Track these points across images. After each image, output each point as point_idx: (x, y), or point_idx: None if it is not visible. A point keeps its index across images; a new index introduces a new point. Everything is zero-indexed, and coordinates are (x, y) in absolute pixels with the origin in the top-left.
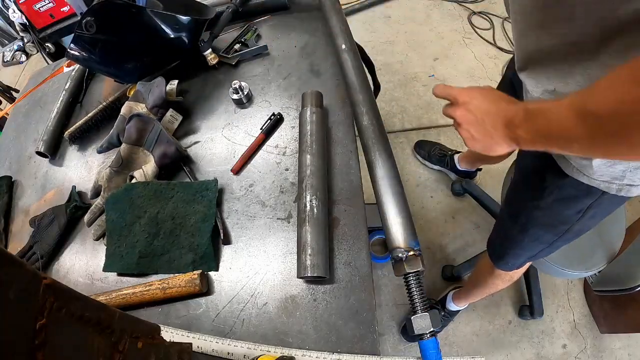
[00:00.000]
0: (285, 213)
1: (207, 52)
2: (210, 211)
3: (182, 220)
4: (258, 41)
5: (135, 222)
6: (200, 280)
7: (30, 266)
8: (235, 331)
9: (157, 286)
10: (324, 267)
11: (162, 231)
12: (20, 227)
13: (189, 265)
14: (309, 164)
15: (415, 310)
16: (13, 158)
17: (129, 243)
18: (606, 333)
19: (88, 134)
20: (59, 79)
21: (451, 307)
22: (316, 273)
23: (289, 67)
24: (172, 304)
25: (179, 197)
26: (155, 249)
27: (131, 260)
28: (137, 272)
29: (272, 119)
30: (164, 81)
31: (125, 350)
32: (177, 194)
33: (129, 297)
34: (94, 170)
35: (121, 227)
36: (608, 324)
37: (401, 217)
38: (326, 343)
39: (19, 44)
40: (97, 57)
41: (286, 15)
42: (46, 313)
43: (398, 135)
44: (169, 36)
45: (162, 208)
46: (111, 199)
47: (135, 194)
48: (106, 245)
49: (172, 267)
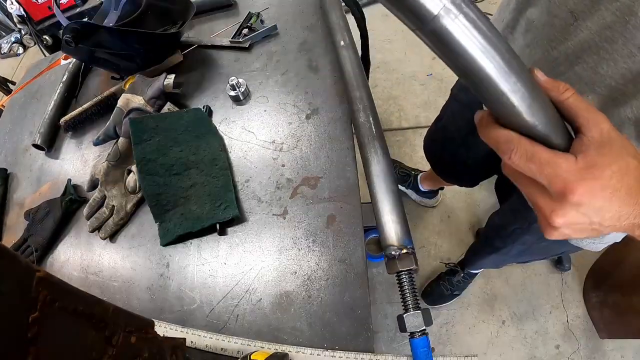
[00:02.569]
0: (281, 209)
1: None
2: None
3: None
4: (264, 24)
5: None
6: None
7: (24, 259)
8: (230, 327)
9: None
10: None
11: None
12: (15, 220)
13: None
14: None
15: (407, 309)
16: (9, 150)
17: (171, 200)
18: (606, 338)
19: (83, 125)
20: (55, 72)
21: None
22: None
23: (287, 63)
24: (166, 298)
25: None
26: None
27: (178, 222)
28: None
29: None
30: (164, 75)
31: (119, 345)
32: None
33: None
34: (90, 163)
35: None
36: (608, 329)
37: (395, 215)
38: (320, 340)
39: (16, 36)
40: (89, 59)
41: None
42: (39, 306)
43: (395, 134)
44: (151, 38)
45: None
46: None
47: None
48: (156, 220)
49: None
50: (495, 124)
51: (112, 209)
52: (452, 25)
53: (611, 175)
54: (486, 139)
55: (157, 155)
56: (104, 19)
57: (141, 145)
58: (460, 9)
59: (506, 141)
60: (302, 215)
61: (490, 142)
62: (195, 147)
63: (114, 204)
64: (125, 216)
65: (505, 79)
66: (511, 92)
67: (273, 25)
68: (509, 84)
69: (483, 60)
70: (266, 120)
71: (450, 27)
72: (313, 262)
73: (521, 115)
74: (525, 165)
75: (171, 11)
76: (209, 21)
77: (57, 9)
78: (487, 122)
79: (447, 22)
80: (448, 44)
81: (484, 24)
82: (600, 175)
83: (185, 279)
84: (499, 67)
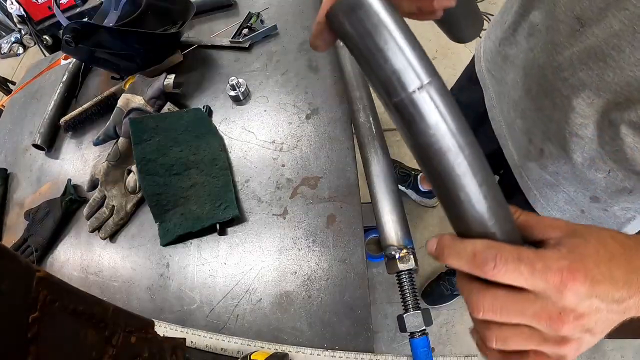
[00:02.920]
0: (281, 209)
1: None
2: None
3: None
4: (264, 24)
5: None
6: None
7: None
8: (230, 327)
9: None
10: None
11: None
12: (15, 220)
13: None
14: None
15: (407, 309)
16: (8, 150)
17: (171, 200)
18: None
19: (83, 125)
20: (55, 72)
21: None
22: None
23: (287, 63)
24: (166, 298)
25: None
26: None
27: (178, 222)
28: (186, 232)
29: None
30: (165, 75)
31: (119, 345)
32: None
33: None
34: (90, 163)
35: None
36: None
37: (395, 215)
38: (320, 340)
39: (16, 36)
40: (89, 59)
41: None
42: (39, 306)
43: (395, 134)
44: (151, 39)
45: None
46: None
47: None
48: (156, 220)
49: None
50: (464, 239)
51: (112, 209)
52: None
53: (596, 247)
54: (456, 258)
55: (157, 155)
56: (104, 19)
57: (141, 145)
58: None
59: (486, 248)
60: (302, 215)
61: (464, 259)
62: (195, 147)
63: (114, 204)
64: (125, 216)
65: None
66: (481, 194)
67: (273, 25)
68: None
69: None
70: (266, 120)
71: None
72: (313, 262)
73: (491, 221)
74: (515, 268)
75: (171, 11)
76: (209, 21)
77: (57, 9)
78: (450, 239)
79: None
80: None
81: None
82: (589, 251)
83: (185, 279)
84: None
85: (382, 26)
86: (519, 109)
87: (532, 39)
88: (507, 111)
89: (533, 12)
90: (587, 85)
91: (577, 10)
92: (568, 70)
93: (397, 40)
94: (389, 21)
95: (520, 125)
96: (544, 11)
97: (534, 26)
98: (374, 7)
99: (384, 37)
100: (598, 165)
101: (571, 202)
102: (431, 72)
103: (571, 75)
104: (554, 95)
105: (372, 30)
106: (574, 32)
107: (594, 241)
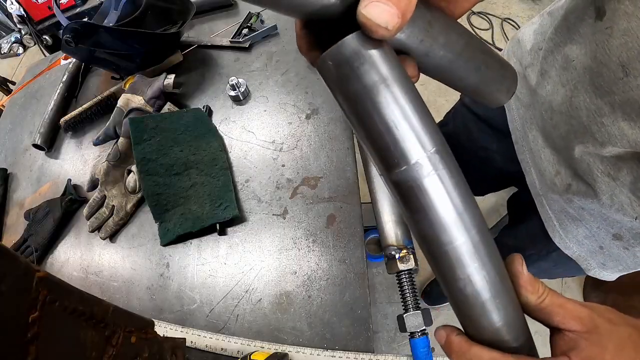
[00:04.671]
0: (281, 209)
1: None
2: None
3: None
4: (263, 24)
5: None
6: None
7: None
8: (229, 327)
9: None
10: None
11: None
12: (15, 220)
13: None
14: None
15: (407, 309)
16: (8, 150)
17: (171, 200)
18: None
19: (83, 126)
20: (55, 72)
21: None
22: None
23: (287, 63)
24: (166, 298)
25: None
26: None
27: (178, 222)
28: (186, 232)
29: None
30: (165, 75)
31: (119, 345)
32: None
33: None
34: (90, 163)
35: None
36: None
37: (395, 215)
38: (320, 340)
39: (16, 35)
40: (89, 59)
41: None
42: (39, 306)
43: None
44: (150, 39)
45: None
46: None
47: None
48: (156, 220)
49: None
50: (472, 343)
51: (112, 209)
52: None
53: (612, 356)
54: None
55: (157, 155)
56: (104, 19)
57: (141, 145)
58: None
59: None
60: (302, 215)
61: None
62: (195, 147)
63: (114, 204)
64: (125, 216)
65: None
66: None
67: (273, 25)
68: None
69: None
70: (266, 120)
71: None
72: (313, 262)
73: (504, 330)
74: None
75: (171, 11)
76: (209, 21)
77: (57, 9)
78: (459, 345)
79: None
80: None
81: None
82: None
83: (185, 279)
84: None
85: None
86: (549, 140)
87: (566, 73)
88: (534, 139)
89: (570, 45)
90: (627, 136)
91: (623, 57)
92: (608, 117)
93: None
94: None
95: (548, 157)
96: (583, 48)
97: (569, 61)
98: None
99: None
100: (626, 211)
101: (591, 237)
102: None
103: (611, 124)
104: (585, 138)
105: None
106: (617, 80)
107: (612, 347)
